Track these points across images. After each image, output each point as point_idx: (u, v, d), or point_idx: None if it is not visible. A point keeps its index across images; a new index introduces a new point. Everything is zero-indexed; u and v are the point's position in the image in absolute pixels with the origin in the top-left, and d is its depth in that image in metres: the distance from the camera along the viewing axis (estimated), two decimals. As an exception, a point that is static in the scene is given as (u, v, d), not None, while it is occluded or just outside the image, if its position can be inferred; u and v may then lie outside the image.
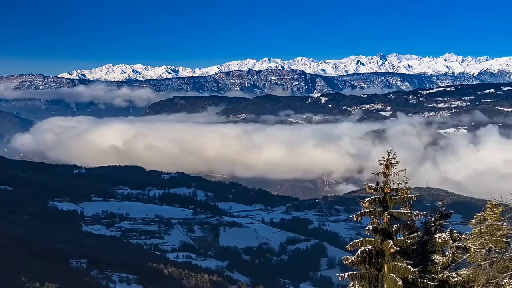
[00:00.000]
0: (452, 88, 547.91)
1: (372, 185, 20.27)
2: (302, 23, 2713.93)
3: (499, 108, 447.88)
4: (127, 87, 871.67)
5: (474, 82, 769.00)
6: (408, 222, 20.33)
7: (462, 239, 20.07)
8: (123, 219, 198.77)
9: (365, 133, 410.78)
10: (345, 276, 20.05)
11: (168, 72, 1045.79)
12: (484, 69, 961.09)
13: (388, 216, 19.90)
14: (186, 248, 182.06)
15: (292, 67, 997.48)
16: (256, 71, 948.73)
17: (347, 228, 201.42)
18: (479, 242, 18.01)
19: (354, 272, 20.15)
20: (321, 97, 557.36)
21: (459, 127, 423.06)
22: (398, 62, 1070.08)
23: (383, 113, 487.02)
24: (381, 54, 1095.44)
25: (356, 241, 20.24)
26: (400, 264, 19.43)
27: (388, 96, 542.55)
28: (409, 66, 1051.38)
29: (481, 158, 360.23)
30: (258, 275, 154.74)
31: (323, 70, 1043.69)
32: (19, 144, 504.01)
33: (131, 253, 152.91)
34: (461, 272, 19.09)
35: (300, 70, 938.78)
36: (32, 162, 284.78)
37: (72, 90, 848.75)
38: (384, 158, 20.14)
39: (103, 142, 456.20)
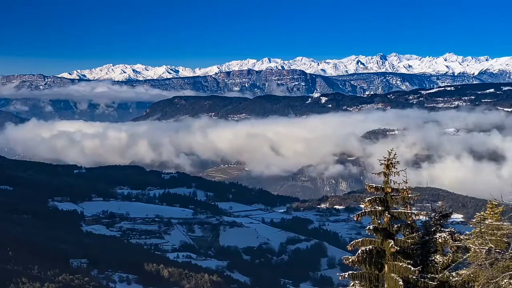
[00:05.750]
0: (452, 88, 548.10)
1: (373, 184, 20.31)
2: (302, 23, 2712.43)
3: (499, 108, 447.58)
4: (127, 87, 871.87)
5: (474, 82, 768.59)
6: (409, 222, 20.35)
7: (462, 239, 20.11)
8: (123, 219, 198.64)
9: (365, 133, 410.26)
10: (346, 276, 20.08)
11: (168, 72, 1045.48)
12: (484, 69, 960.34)
13: (389, 216, 19.94)
14: (186, 248, 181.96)
15: (292, 67, 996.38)
16: (256, 71, 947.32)
17: (347, 228, 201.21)
18: (479, 242, 18.03)
19: (355, 272, 20.18)
20: (321, 97, 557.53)
21: (459, 127, 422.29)
22: (398, 62, 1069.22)
23: (383, 113, 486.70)
24: (381, 54, 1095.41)
25: (356, 240, 20.27)
26: (400, 264, 19.46)
27: (388, 96, 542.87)
28: (409, 66, 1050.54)
29: (481, 158, 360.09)
30: (258, 275, 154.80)
31: (323, 70, 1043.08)
32: (20, 144, 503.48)
33: (131, 253, 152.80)
34: (461, 272, 19.13)
35: (300, 70, 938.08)
36: (32, 162, 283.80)
37: (72, 90, 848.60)
38: (385, 158, 20.20)
39: (104, 142, 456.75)
